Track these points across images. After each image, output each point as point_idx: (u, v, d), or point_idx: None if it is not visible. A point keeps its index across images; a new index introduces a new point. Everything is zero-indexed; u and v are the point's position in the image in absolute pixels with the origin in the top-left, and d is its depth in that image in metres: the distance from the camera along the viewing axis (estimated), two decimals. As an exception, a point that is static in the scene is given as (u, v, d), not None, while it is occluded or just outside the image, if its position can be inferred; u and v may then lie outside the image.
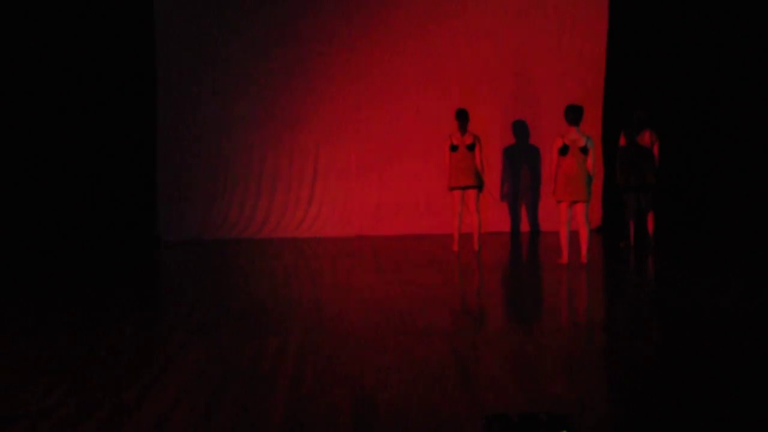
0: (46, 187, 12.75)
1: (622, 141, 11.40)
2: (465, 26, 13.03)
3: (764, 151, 12.10)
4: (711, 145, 12.52)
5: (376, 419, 5.03)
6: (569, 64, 12.97)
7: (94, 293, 9.29)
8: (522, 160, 13.34)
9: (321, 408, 5.23)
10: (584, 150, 9.95)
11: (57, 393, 5.55)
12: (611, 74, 12.94)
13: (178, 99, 13.12)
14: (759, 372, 5.94)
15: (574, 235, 10.23)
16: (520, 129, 13.21)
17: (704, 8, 12.42)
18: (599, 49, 12.98)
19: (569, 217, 10.11)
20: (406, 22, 13.08)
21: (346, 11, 13.11)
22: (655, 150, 11.25)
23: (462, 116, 11.13)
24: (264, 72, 13.16)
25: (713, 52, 12.43)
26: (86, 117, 12.88)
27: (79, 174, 12.87)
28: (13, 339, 7.11)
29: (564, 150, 10.01)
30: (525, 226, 13.39)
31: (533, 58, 13.11)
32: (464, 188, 11.21)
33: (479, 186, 11.23)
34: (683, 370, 6.12)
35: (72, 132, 12.81)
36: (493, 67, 13.09)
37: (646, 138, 11.26)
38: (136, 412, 5.17)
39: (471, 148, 11.11)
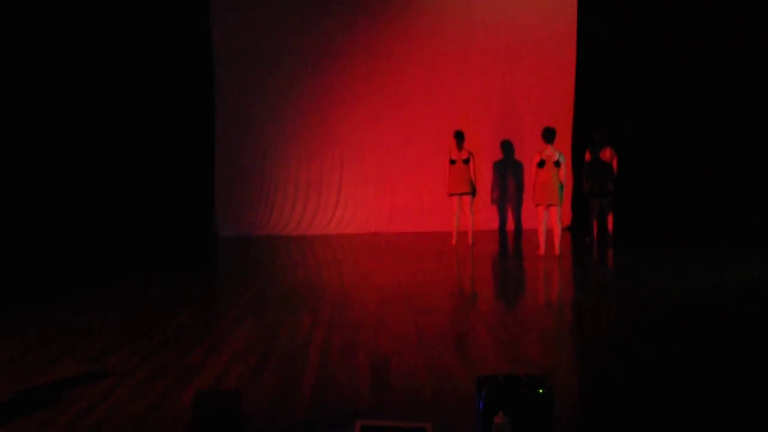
0: (124, 192, 12.67)
1: (587, 156, 11.38)
2: (462, 64, 12.93)
3: (703, 162, 12.06)
4: (659, 158, 12.42)
5: (389, 378, 5.11)
6: (545, 94, 12.83)
7: (164, 279, 9.32)
8: (508, 172, 13.23)
9: (345, 370, 5.32)
10: (557, 164, 9.97)
11: (136, 358, 5.68)
12: (578, 103, 12.82)
13: (234, 122, 13.06)
14: (695, 337, 6.01)
15: (548, 232, 10.28)
16: (506, 146, 13.13)
17: (655, 48, 12.35)
18: (569, 83, 12.87)
19: (545, 217, 10.12)
20: (415, 60, 12.98)
21: (367, 48, 13.00)
22: (614, 164, 11.19)
23: (459, 136, 11.15)
24: (300, 98, 13.07)
25: (660, 88, 12.33)
26: (159, 137, 12.78)
27: (153, 180, 12.78)
28: (102, 316, 7.19)
29: (541, 163, 10.04)
30: (510, 225, 13.27)
31: (516, 89, 13.00)
32: (460, 194, 11.21)
33: (473, 192, 11.23)
34: (636, 340, 6.17)
35: (148, 147, 12.72)
36: (484, 96, 12.97)
37: (606, 154, 11.20)
38: (197, 374, 5.29)
39: (466, 161, 11.12)
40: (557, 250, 10.21)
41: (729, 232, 11.53)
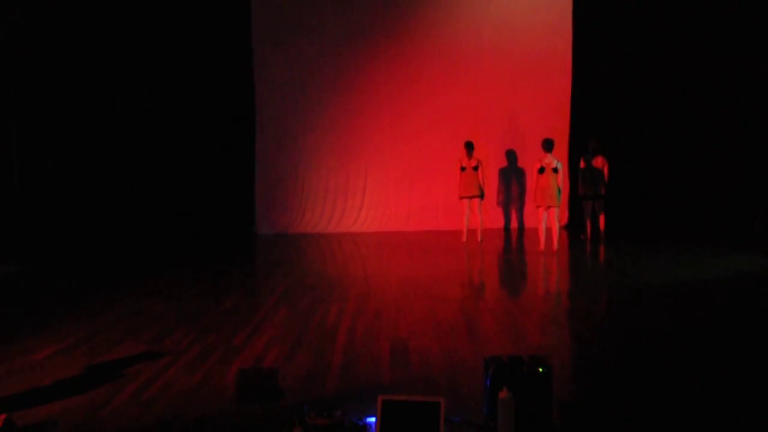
0: (179, 196, 12.73)
1: (582, 164, 11.31)
2: (471, 84, 12.86)
3: (684, 169, 11.99)
4: (646, 165, 12.33)
5: (408, 359, 5.11)
6: (544, 110, 12.73)
7: (211, 272, 9.35)
8: (511, 177, 13.17)
9: (369, 352, 5.33)
10: (555, 170, 9.91)
11: (188, 340, 5.72)
12: (574, 117, 12.74)
13: (272, 134, 13.08)
14: (676, 321, 6.00)
15: (548, 231, 10.22)
16: (510, 155, 13.09)
17: (641, 70, 12.29)
18: (565, 100, 12.78)
19: (545, 217, 10.08)
20: (430, 81, 12.92)
21: (389, 71, 12.98)
22: (605, 170, 11.12)
23: (469, 146, 11.09)
24: (330, 113, 13.06)
25: (647, 104, 12.24)
26: (208, 148, 12.87)
27: (203, 186, 12.84)
28: (158, 303, 7.24)
29: (541, 170, 9.99)
30: (514, 224, 13.20)
31: (519, 105, 12.91)
32: (470, 197, 11.15)
33: (481, 196, 11.16)
34: (624, 325, 6.17)
35: (199, 158, 12.80)
36: (491, 111, 12.89)
37: (599, 162, 11.14)
38: (241, 353, 5.32)
39: (475, 168, 11.05)
40: (555, 246, 10.16)
41: (706, 230, 11.50)
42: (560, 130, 12.50)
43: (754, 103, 11.27)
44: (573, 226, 12.50)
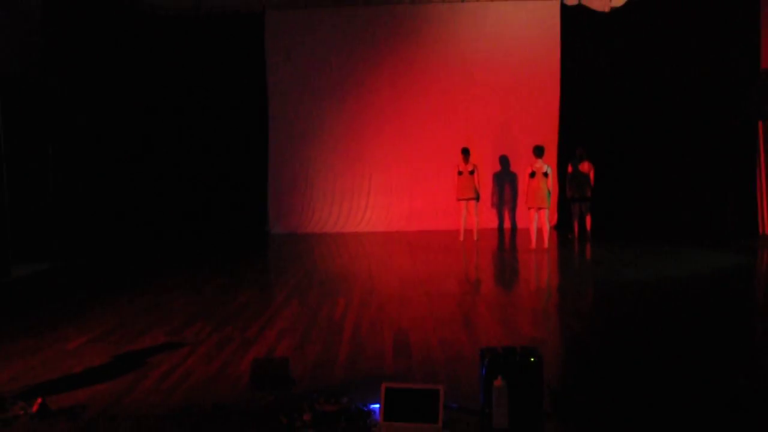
0: (197, 198, 12.81)
1: (570, 169, 11.31)
2: (467, 95, 12.84)
3: (663, 174, 11.98)
4: (628, 170, 12.28)
5: (409, 350, 5.11)
6: (534, 119, 12.72)
7: (228, 268, 9.37)
8: (505, 181, 13.15)
9: (373, 343, 5.32)
10: (545, 174, 9.91)
11: (206, 331, 5.74)
12: (562, 126, 12.72)
13: (283, 142, 13.13)
14: (655, 312, 6.00)
15: (538, 230, 10.20)
16: (503, 161, 13.06)
17: (621, 83, 12.30)
18: (554, 110, 12.75)
19: (536, 218, 10.09)
20: (429, 92, 12.93)
21: (391, 83, 12.99)
22: (591, 174, 11.14)
23: (465, 152, 11.07)
24: (337, 122, 13.09)
25: (627, 114, 12.23)
26: (224, 154, 12.90)
27: (220, 189, 12.87)
28: (178, 298, 7.26)
29: (532, 174, 9.99)
30: (507, 224, 13.18)
31: (510, 115, 12.89)
32: (467, 200, 11.15)
33: (477, 198, 11.16)
34: (609, 316, 6.17)
35: (216, 164, 12.82)
36: (485, 120, 12.87)
37: (585, 167, 11.15)
38: (255, 344, 5.33)
39: (471, 173, 11.03)
40: (546, 244, 10.16)
41: (683, 229, 11.48)
42: (549, 138, 12.48)
43: (721, 119, 11.36)
44: (561, 226, 12.48)
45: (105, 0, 10.98)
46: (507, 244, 11.53)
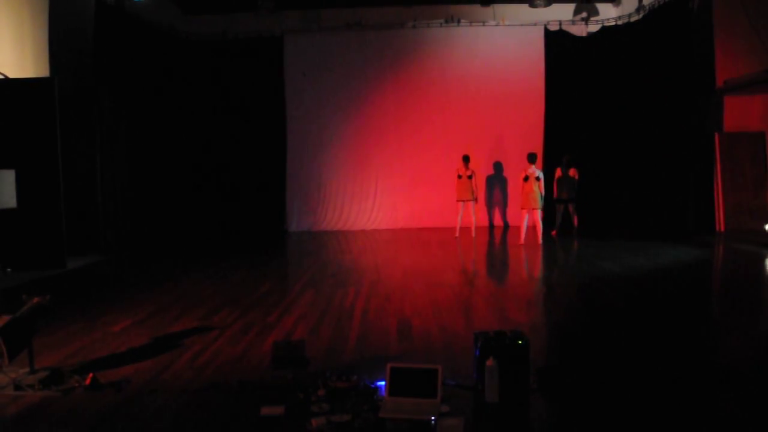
0: (224, 200, 12.82)
1: (558, 173, 11.25)
2: (464, 108, 12.84)
3: (640, 178, 11.90)
4: (609, 174, 12.22)
5: (411, 334, 5.09)
6: (523, 129, 12.69)
7: (250, 262, 9.35)
8: (498, 185, 13.12)
9: (379, 328, 5.30)
10: (538, 179, 9.93)
11: (232, 317, 5.72)
12: (547, 135, 12.66)
13: (299, 149, 13.13)
14: (630, 301, 5.97)
15: (531, 229, 10.17)
16: (496, 167, 13.02)
17: (600, 97, 12.24)
18: (539, 121, 12.68)
19: (527, 218, 10.10)
20: (429, 106, 12.93)
21: (395, 99, 12.99)
22: (577, 178, 11.11)
23: (466, 159, 11.02)
24: (347, 131, 13.09)
25: (607, 124, 12.20)
26: (248, 161, 12.89)
27: (244, 191, 12.85)
28: (208, 287, 7.25)
29: (526, 179, 10.01)
30: (499, 222, 13.15)
31: (502, 126, 12.86)
32: (465, 201, 11.12)
33: (474, 199, 11.14)
34: (589, 304, 6.14)
35: (241, 170, 12.83)
36: (480, 131, 12.86)
37: (572, 171, 11.10)
38: (275, 328, 5.32)
39: (470, 177, 10.99)
40: (540, 240, 10.15)
41: (651, 227, 11.39)
42: (536, 146, 12.42)
43: (684, 131, 11.30)
44: (547, 225, 12.49)
45: (147, 28, 11.16)
46: (499, 240, 11.48)
